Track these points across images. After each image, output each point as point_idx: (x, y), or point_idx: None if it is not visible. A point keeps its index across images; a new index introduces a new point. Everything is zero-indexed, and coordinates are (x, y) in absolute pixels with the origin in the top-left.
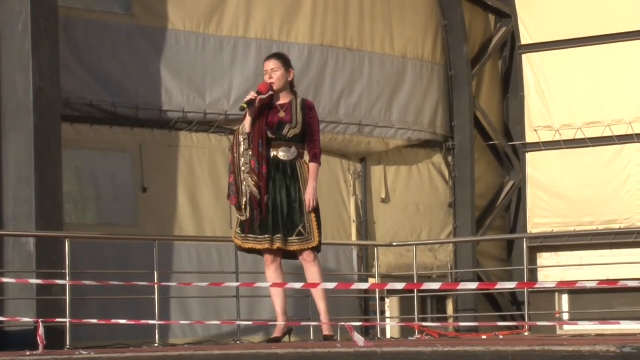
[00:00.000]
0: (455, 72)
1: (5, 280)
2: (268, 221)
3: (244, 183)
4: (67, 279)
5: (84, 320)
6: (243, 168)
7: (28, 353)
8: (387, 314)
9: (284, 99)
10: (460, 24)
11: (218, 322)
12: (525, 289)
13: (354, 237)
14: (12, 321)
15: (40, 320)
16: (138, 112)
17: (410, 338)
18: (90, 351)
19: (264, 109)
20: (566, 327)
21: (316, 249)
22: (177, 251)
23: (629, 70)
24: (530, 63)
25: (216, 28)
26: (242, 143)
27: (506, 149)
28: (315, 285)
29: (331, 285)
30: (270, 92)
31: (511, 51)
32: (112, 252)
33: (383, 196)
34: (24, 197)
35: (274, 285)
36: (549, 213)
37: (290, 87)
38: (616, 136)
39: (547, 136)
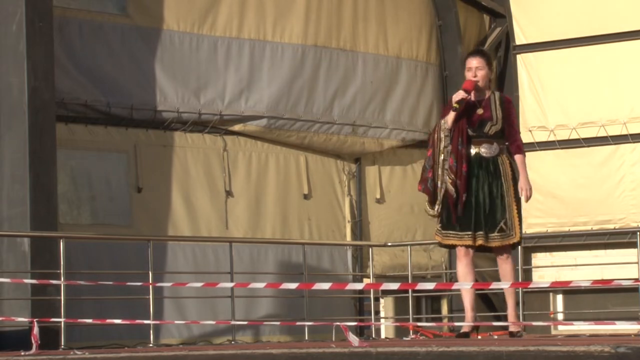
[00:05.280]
0: (450, 72)
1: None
2: (470, 218)
3: (441, 179)
4: (62, 279)
5: (79, 320)
6: (442, 164)
7: (23, 353)
8: (382, 314)
9: (483, 96)
10: (455, 24)
11: (213, 322)
12: (520, 288)
13: (348, 237)
14: (6, 321)
15: (35, 320)
16: (132, 112)
17: (404, 338)
18: (85, 351)
19: (466, 107)
20: (560, 327)
21: (517, 245)
22: (172, 251)
23: (623, 71)
24: (524, 63)
25: (210, 28)
26: (443, 139)
27: None
28: (310, 286)
29: (326, 286)
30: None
31: (505, 51)
32: (106, 252)
33: (377, 196)
34: (19, 197)
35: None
36: (544, 213)
37: (489, 83)
38: (610, 136)
39: (541, 136)
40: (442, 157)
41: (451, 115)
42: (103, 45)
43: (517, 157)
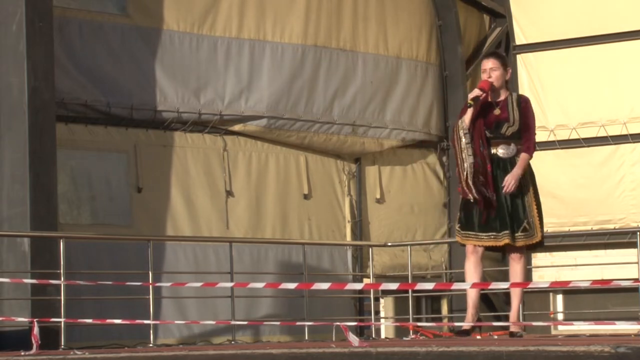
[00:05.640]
0: (450, 72)
1: None
2: (492, 218)
3: (467, 171)
4: (62, 279)
5: (79, 320)
6: (466, 162)
7: (23, 353)
8: (382, 314)
9: (500, 97)
10: (455, 24)
11: (213, 322)
12: (520, 289)
13: (348, 237)
14: (6, 321)
15: (35, 320)
16: (133, 112)
17: (404, 338)
18: (85, 351)
19: (482, 106)
20: (560, 327)
21: (539, 245)
22: (172, 251)
23: (623, 71)
24: (524, 63)
25: (210, 29)
26: (463, 137)
27: None
28: (309, 286)
29: (325, 286)
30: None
31: (505, 51)
32: (107, 252)
33: (377, 196)
34: (19, 197)
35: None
36: (544, 213)
37: (505, 84)
38: (610, 136)
39: (541, 136)
40: (464, 153)
41: (468, 114)
42: (103, 45)
43: (523, 155)
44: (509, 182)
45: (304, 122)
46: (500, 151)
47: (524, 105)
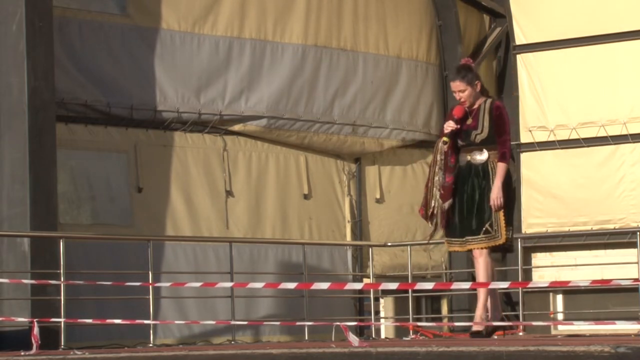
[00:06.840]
0: (450, 72)
1: None
2: (458, 224)
3: (435, 196)
4: (62, 279)
5: (79, 320)
6: (436, 183)
7: (23, 353)
8: (382, 314)
9: (473, 105)
10: (455, 24)
11: (213, 322)
12: (520, 288)
13: (348, 237)
14: (6, 321)
15: (35, 320)
16: (132, 112)
17: (404, 338)
18: (85, 351)
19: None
20: (560, 327)
21: (504, 247)
22: (172, 251)
23: (623, 71)
24: (524, 63)
25: (211, 28)
26: (439, 162)
27: None
28: (308, 286)
29: (324, 286)
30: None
31: (505, 51)
32: (107, 252)
33: (377, 196)
34: (19, 197)
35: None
36: (544, 213)
37: (481, 93)
38: (610, 136)
39: (541, 136)
40: (437, 177)
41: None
42: (103, 45)
43: (499, 165)
44: (494, 200)
45: (304, 122)
46: (477, 157)
47: (496, 112)
